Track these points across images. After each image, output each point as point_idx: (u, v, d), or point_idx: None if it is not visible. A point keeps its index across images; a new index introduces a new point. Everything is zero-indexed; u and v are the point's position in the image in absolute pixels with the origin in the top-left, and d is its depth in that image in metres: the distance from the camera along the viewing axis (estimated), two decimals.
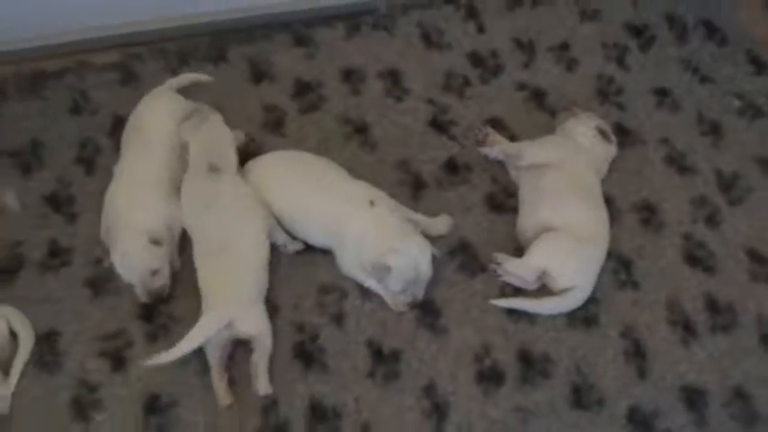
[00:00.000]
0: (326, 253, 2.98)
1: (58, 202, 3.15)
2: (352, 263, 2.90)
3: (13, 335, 2.88)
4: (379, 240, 2.81)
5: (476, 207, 3.09)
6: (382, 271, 2.78)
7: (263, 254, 2.88)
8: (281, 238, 2.94)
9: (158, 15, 3.46)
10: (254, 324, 2.77)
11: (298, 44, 3.50)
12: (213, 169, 2.95)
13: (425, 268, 2.81)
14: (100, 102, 3.37)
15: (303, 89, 3.37)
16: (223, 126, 3.10)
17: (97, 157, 3.23)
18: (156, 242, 2.87)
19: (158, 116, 3.14)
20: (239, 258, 2.86)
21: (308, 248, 3.02)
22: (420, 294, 2.85)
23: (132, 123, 3.16)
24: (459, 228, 3.03)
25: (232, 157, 3.02)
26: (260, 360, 2.76)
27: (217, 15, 3.50)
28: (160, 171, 3.03)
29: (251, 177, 3.02)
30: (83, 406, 2.77)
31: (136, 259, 2.86)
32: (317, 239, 2.97)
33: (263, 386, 2.74)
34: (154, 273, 2.87)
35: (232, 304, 2.76)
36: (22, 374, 2.83)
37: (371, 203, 2.87)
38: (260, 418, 2.73)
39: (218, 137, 3.06)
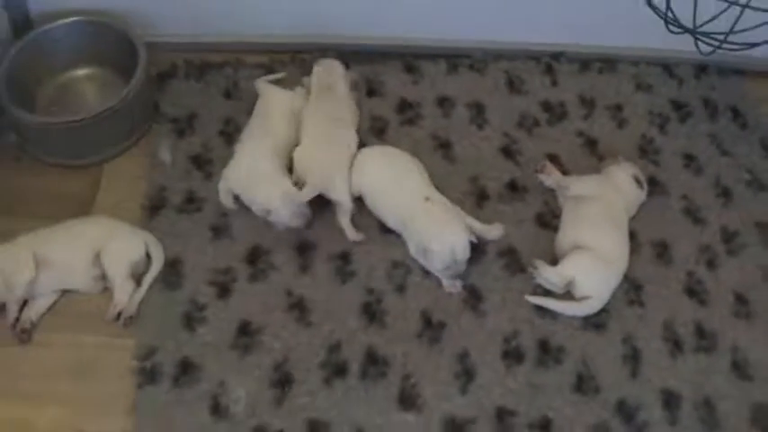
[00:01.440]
0: (400, 234, 3.19)
1: (200, 163, 3.41)
2: (415, 248, 3.12)
3: (148, 256, 3.15)
4: (426, 228, 3.04)
5: (526, 221, 3.27)
6: (425, 253, 3.02)
7: None
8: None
9: (300, 32, 3.73)
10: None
11: (407, 71, 3.71)
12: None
13: (461, 252, 3.01)
14: (246, 91, 3.60)
15: (405, 107, 3.58)
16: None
17: (236, 133, 3.44)
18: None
19: (282, 105, 3.44)
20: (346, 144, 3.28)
21: (385, 230, 3.23)
22: (461, 270, 3.06)
23: (259, 110, 3.44)
24: (509, 236, 3.19)
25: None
26: (342, 218, 3.16)
27: (344, 39, 3.72)
28: (278, 153, 3.28)
29: (356, 161, 3.27)
30: (191, 320, 3.01)
31: (288, 204, 3.14)
32: (389, 222, 3.19)
33: (351, 235, 3.15)
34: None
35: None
36: (150, 287, 3.09)
37: (426, 199, 3.11)
38: (325, 354, 2.95)
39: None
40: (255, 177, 3.20)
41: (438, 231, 3.05)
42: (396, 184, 3.21)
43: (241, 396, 2.89)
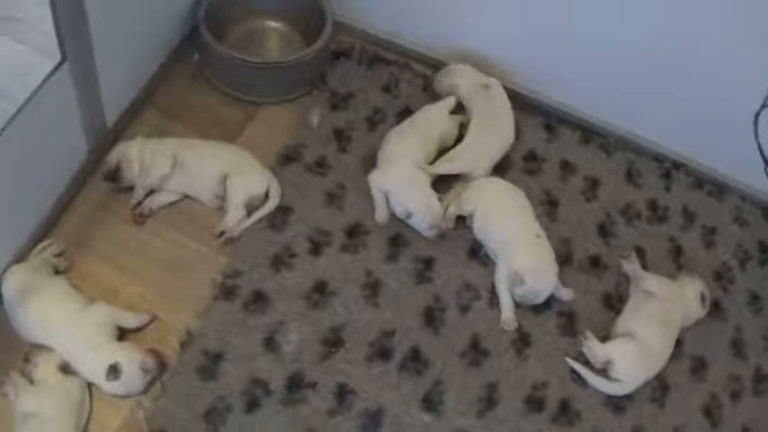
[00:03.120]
0: (484, 264, 3.30)
1: (340, 137, 3.55)
2: (507, 272, 3.20)
3: (266, 196, 3.31)
4: (529, 261, 3.15)
5: (594, 295, 3.31)
6: (516, 281, 3.12)
7: None
8: None
9: (468, 61, 3.75)
10: None
11: (546, 129, 3.75)
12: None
13: (543, 296, 3.15)
14: (403, 92, 3.73)
15: (531, 158, 3.64)
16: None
17: (380, 124, 3.60)
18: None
19: (444, 125, 3.54)
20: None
21: (472, 255, 3.33)
22: (529, 303, 3.19)
23: (419, 117, 3.54)
24: (575, 302, 3.27)
25: None
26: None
27: (503, 80, 3.71)
28: (427, 163, 3.41)
29: (479, 185, 3.39)
30: (279, 262, 3.18)
31: (431, 214, 3.27)
32: (490, 244, 3.28)
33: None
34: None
35: None
36: (257, 222, 3.26)
37: (537, 236, 3.22)
38: (378, 336, 3.09)
39: None
40: (410, 182, 3.33)
41: (538, 269, 3.17)
42: (510, 214, 3.31)
43: (293, 340, 3.04)
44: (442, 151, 3.53)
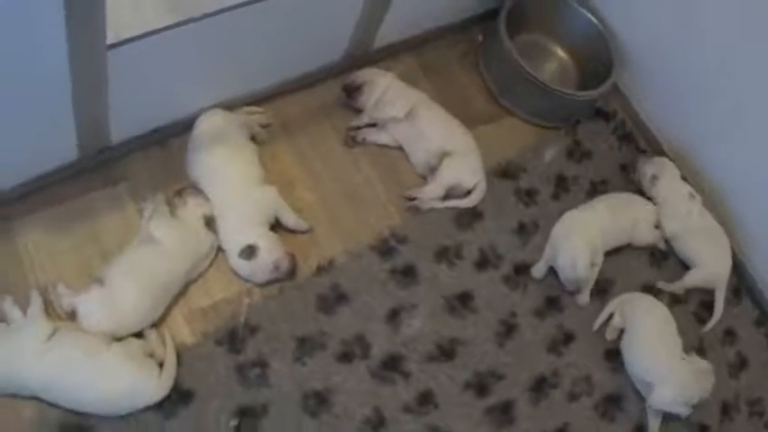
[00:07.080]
0: (612, 369, 3.14)
1: (560, 184, 3.46)
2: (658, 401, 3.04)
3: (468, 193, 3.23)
4: (679, 381, 3.00)
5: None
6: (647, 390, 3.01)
7: None
8: None
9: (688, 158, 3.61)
10: None
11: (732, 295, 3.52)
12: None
13: (683, 411, 3.01)
14: (636, 180, 3.52)
15: (706, 307, 3.41)
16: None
17: (599, 194, 3.44)
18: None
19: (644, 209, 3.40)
20: None
21: (608, 356, 3.16)
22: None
23: (625, 196, 3.41)
24: None
25: None
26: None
27: (715, 192, 3.55)
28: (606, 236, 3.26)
29: (643, 300, 3.23)
30: (444, 254, 3.14)
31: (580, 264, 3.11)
32: (638, 374, 3.11)
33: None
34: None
35: None
36: (447, 209, 3.21)
37: (683, 358, 3.04)
38: (487, 373, 2.98)
39: None
40: (569, 233, 3.19)
41: (686, 388, 3.03)
42: (659, 335, 3.14)
43: (415, 327, 2.97)
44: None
